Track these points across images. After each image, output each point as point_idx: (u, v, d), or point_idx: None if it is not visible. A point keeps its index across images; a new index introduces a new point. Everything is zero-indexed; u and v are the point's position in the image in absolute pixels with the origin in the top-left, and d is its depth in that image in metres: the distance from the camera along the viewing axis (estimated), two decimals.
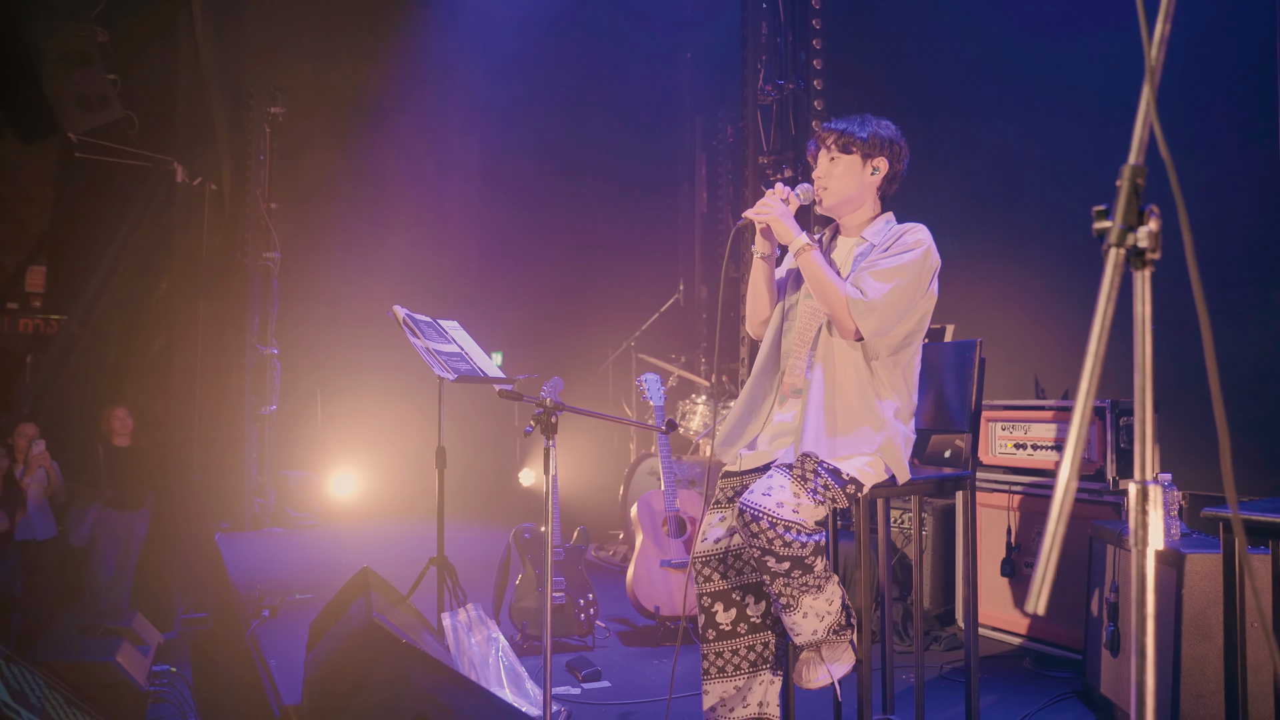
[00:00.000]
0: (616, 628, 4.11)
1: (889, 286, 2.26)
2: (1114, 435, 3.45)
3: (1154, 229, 1.08)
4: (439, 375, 3.14)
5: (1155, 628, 1.06)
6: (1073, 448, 1.07)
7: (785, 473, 2.21)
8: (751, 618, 2.41)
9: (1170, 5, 1.16)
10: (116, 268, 7.69)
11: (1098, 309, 1.08)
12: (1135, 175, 1.09)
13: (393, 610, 2.75)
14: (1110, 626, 2.88)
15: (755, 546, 2.16)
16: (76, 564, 5.64)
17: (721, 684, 2.39)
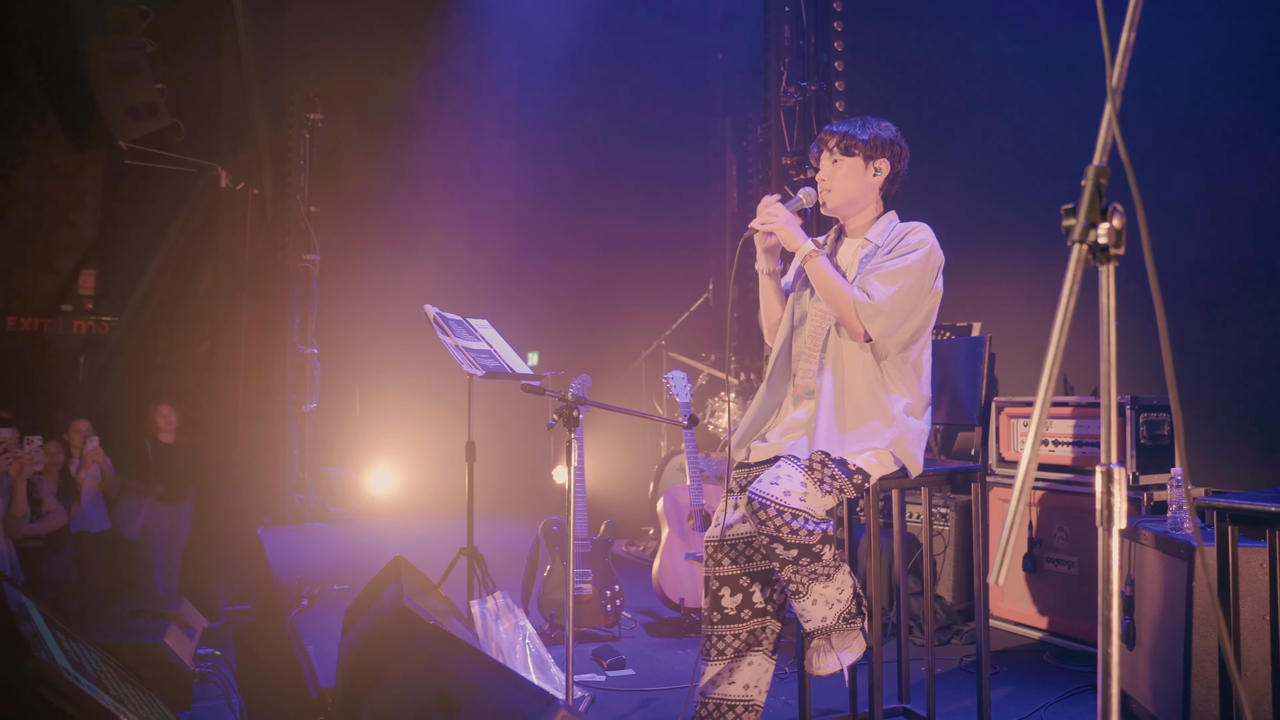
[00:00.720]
0: (643, 619, 4.21)
1: (894, 289, 2.33)
2: (1134, 431, 3.46)
3: (1116, 226, 1.15)
4: (468, 371, 3.25)
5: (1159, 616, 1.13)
6: (1034, 431, 1.14)
7: (794, 463, 2.28)
8: (756, 604, 2.48)
9: (1135, 15, 1.22)
10: (164, 270, 7.97)
11: (1061, 301, 1.15)
12: (1098, 175, 1.16)
13: (423, 596, 2.87)
14: (1125, 620, 2.91)
15: (764, 534, 2.23)
16: (127, 555, 5.87)
17: (717, 665, 2.48)
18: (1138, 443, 3.46)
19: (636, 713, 3.02)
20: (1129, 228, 1.13)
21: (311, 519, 7.01)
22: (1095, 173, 1.16)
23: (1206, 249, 4.30)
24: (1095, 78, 4.97)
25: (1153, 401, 3.51)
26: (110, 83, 6.92)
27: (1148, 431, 3.47)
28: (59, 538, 5.25)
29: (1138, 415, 3.48)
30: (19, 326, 8.08)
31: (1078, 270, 1.15)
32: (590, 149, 8.23)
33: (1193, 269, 4.38)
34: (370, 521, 7.15)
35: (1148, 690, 2.78)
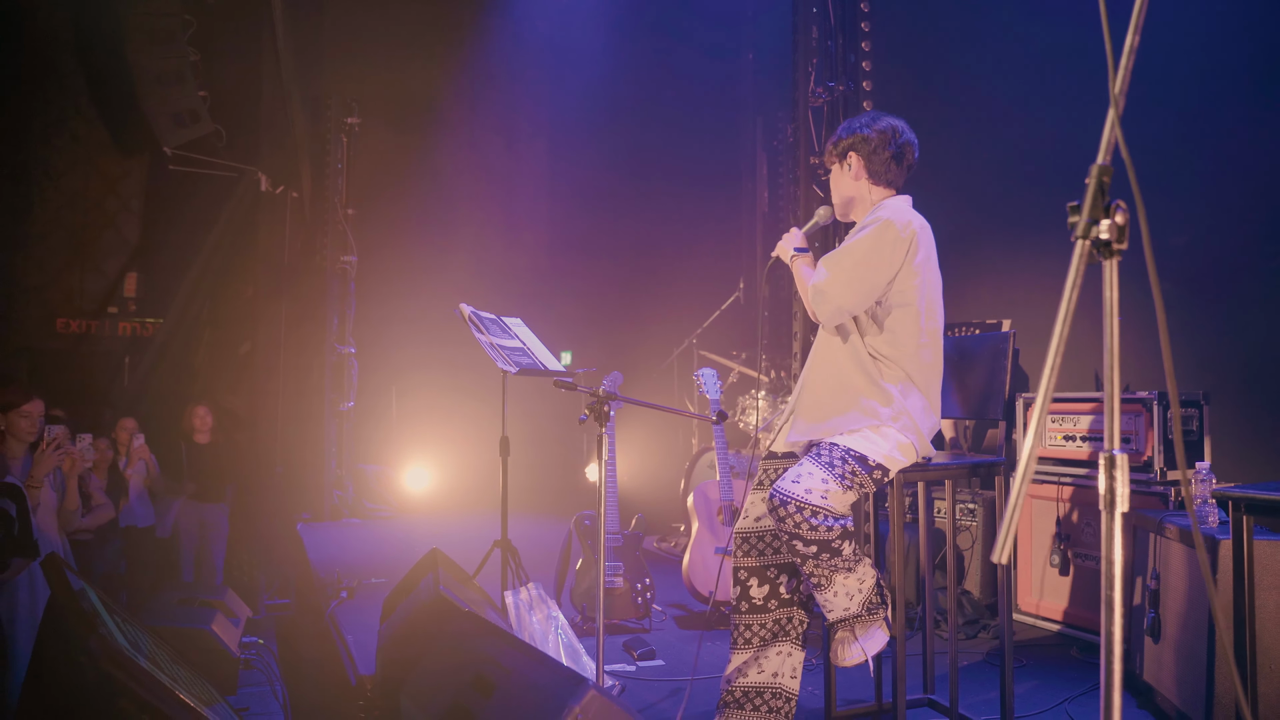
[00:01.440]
0: (673, 612, 4.28)
1: (835, 270, 2.39)
2: (1161, 427, 3.47)
3: (1119, 222, 1.20)
4: (502, 368, 3.34)
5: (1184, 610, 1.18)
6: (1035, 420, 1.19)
7: (815, 460, 2.34)
8: (783, 594, 2.54)
9: (1140, 18, 1.27)
10: (205, 272, 8.18)
11: (1064, 295, 1.20)
12: (1101, 174, 1.21)
13: (459, 587, 2.96)
14: (1151, 614, 2.93)
15: (784, 530, 2.29)
16: (168, 550, 6.05)
17: (744, 654, 2.53)
18: (1165, 438, 3.46)
19: (665, 701, 3.08)
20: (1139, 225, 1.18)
21: (349, 515, 7.16)
22: (1099, 171, 1.21)
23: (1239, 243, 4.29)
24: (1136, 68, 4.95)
25: (1181, 397, 3.51)
26: (156, 91, 7.13)
27: None
28: (108, 531, 5.42)
29: (1165, 411, 3.48)
30: (68, 328, 8.33)
31: (1080, 264, 1.20)
32: (623, 148, 8.32)
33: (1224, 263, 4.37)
34: (406, 518, 7.28)
35: (1173, 683, 2.79)
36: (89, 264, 8.36)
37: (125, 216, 8.49)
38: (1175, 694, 2.78)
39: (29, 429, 4.25)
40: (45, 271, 8.23)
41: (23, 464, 4.25)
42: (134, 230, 8.45)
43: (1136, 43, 1.26)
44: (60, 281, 8.28)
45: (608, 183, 8.37)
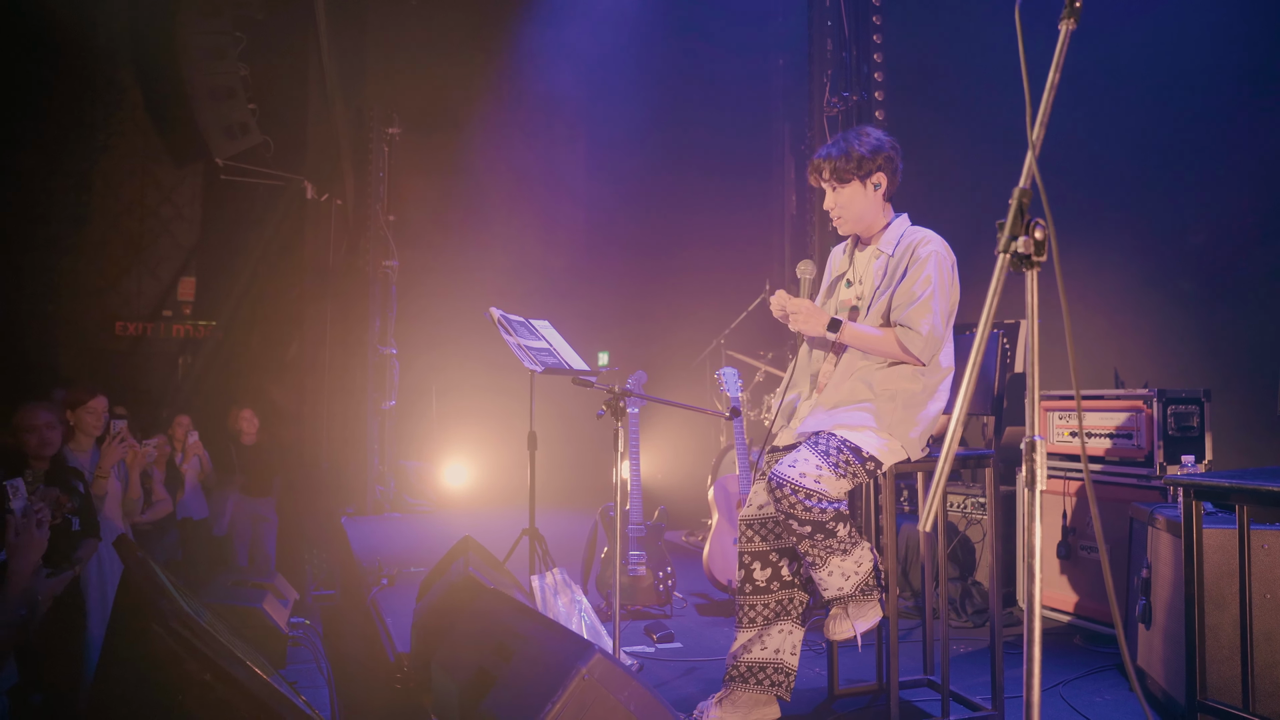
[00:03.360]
0: (695, 600, 4.48)
1: (932, 315, 2.54)
2: (1161, 423, 3.59)
3: (1038, 237, 1.38)
4: (528, 368, 3.58)
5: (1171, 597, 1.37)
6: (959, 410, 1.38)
7: (811, 448, 2.53)
8: (784, 576, 2.73)
9: (1060, 58, 1.45)
10: (254, 277, 8.56)
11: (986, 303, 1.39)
12: (1022, 196, 1.39)
13: (488, 570, 3.19)
14: (1142, 600, 3.07)
15: (780, 510, 2.49)
16: (223, 543, 6.38)
17: (748, 632, 2.72)
18: (1165, 433, 3.59)
19: (680, 679, 3.29)
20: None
21: (391, 509, 7.47)
22: (1019, 194, 1.39)
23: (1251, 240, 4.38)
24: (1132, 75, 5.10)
25: (1181, 394, 3.63)
26: (209, 105, 7.51)
27: (1176, 423, 3.60)
28: (166, 523, 5.75)
29: (1165, 407, 3.60)
30: (125, 331, 8.76)
31: (1001, 274, 1.39)
32: (658, 151, 8.52)
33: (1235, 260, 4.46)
34: (445, 512, 7.57)
35: (1161, 667, 2.93)
36: (145, 269, 8.78)
37: (179, 223, 8.89)
38: (1164, 677, 2.92)
39: (95, 424, 4.57)
40: (105, 276, 8.66)
41: (90, 457, 4.59)
42: (188, 236, 8.85)
43: (1057, 80, 1.44)
44: (119, 286, 8.71)
45: (643, 184, 8.57)
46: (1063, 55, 1.45)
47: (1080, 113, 5.08)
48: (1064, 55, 1.44)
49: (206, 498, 6.26)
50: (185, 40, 7.55)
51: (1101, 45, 4.87)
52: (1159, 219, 5.04)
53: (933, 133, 4.88)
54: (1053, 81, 1.44)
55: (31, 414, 3.70)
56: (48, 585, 3.02)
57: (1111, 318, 5.28)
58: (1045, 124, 1.42)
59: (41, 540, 2.71)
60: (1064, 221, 4.53)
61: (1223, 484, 2.13)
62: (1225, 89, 4.61)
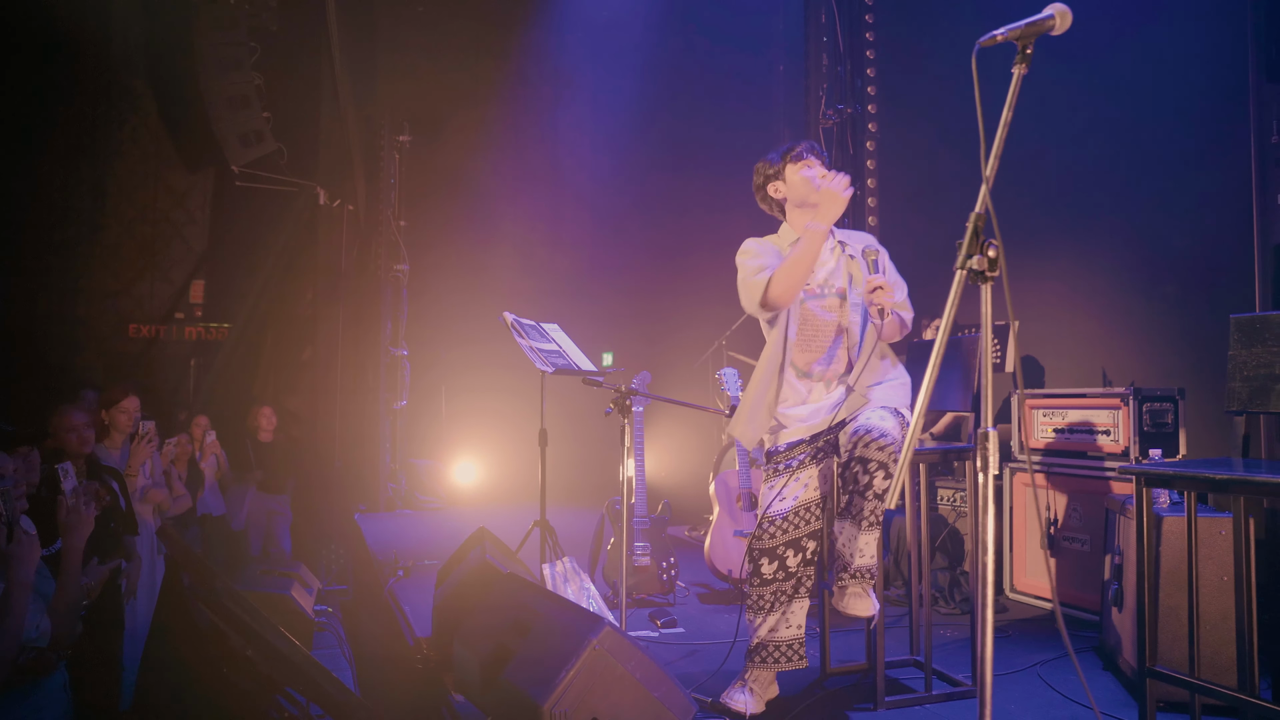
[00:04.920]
0: (697, 590, 4.70)
1: None
2: (1137, 419, 3.80)
3: (991, 255, 1.59)
4: (539, 369, 3.80)
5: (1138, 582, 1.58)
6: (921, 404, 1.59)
7: (890, 413, 2.74)
8: (809, 556, 2.89)
9: (1014, 97, 1.66)
10: (269, 281, 8.77)
11: (944, 315, 1.60)
12: (977, 220, 1.60)
13: (503, 558, 3.41)
14: (1115, 585, 3.28)
15: (875, 462, 2.60)
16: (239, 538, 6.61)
17: (775, 615, 2.88)
18: (1141, 429, 3.80)
19: (683, 660, 3.51)
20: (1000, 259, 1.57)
21: (402, 506, 7.69)
22: (975, 219, 1.60)
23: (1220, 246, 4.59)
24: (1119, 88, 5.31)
25: (1156, 392, 3.84)
26: (225, 114, 7.73)
27: (1151, 420, 3.81)
28: (187, 519, 5.98)
29: (1140, 404, 3.81)
30: (139, 333, 8.97)
31: (959, 288, 1.60)
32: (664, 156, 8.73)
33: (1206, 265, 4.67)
34: (455, 509, 7.79)
35: (1131, 647, 3.14)
36: (159, 273, 8.98)
37: (191, 228, 9.11)
38: (1133, 656, 3.12)
39: (127, 423, 4.80)
40: (119, 280, 8.86)
41: (120, 455, 4.81)
42: (200, 240, 9.06)
43: (1010, 118, 1.65)
44: (132, 289, 8.91)
45: (649, 186, 8.77)
46: (1015, 97, 1.66)
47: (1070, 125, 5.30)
48: (1016, 97, 1.65)
49: (223, 494, 6.48)
50: (202, 51, 7.77)
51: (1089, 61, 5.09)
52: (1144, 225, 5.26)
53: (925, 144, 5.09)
54: (1005, 120, 1.65)
55: (69, 415, 3.92)
56: (98, 572, 3.23)
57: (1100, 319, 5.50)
58: (999, 158, 1.62)
59: (90, 519, 2.93)
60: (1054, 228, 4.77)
61: (1168, 472, 2.33)
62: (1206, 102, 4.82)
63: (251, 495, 6.65)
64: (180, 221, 9.10)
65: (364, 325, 8.09)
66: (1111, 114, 5.23)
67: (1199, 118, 4.83)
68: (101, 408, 4.85)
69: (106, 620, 3.68)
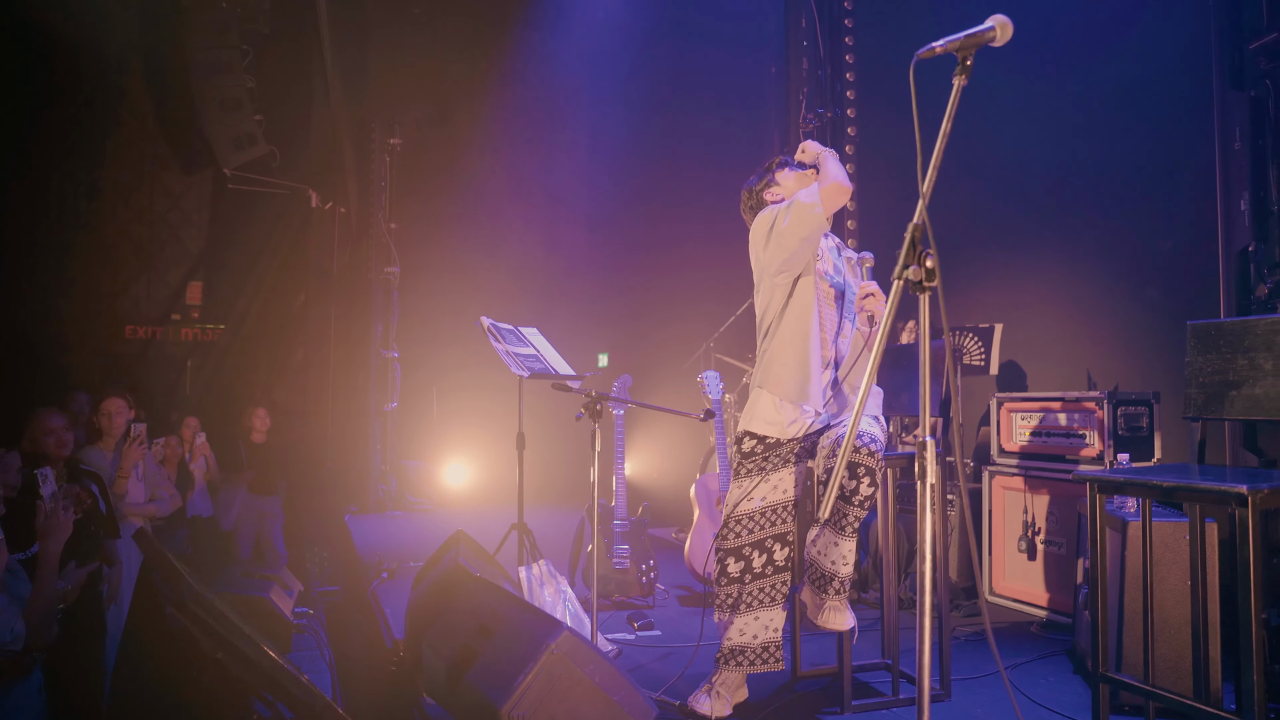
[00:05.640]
0: (676, 592, 4.72)
1: None
2: (1111, 423, 3.82)
3: (929, 265, 1.61)
4: (515, 373, 3.82)
5: None
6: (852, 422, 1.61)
7: (872, 419, 2.75)
8: (778, 562, 2.91)
9: (953, 108, 1.68)
10: (261, 282, 8.81)
11: (881, 321, 1.62)
12: (914, 231, 1.62)
13: (477, 561, 3.43)
14: (1084, 589, 3.30)
15: (865, 468, 2.59)
16: (229, 539, 6.63)
17: (746, 616, 2.88)
18: (1116, 433, 3.81)
19: (657, 662, 3.53)
20: None
21: (393, 508, 7.72)
22: (912, 229, 1.62)
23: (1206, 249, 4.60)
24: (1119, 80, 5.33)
25: (1131, 396, 3.86)
26: (218, 118, 7.76)
27: (1125, 424, 3.82)
28: (176, 521, 6.00)
29: (1115, 408, 3.83)
30: (135, 334, 9.00)
31: (896, 298, 1.62)
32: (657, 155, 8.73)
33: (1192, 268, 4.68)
34: (445, 510, 7.81)
35: None
36: (155, 274, 9.01)
37: (187, 229, 9.13)
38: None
39: (119, 426, 4.83)
40: (115, 281, 8.89)
41: (113, 458, 4.84)
42: (196, 242, 9.08)
43: (949, 128, 1.67)
44: (129, 290, 8.94)
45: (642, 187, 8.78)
46: (954, 108, 1.67)
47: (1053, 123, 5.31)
48: (955, 108, 1.67)
49: (212, 496, 6.50)
50: (194, 54, 7.81)
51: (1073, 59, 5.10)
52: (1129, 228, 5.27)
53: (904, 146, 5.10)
54: (945, 131, 1.67)
55: (46, 418, 3.94)
56: (75, 576, 3.26)
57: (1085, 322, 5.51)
58: (937, 169, 1.64)
59: (68, 523, 2.95)
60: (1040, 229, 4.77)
61: (1118, 479, 2.35)
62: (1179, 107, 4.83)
63: (242, 496, 6.68)
64: (176, 223, 9.13)
65: (355, 327, 8.12)
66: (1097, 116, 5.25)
67: (1173, 122, 4.85)
68: (93, 411, 4.88)
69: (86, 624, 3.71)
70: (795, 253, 2.85)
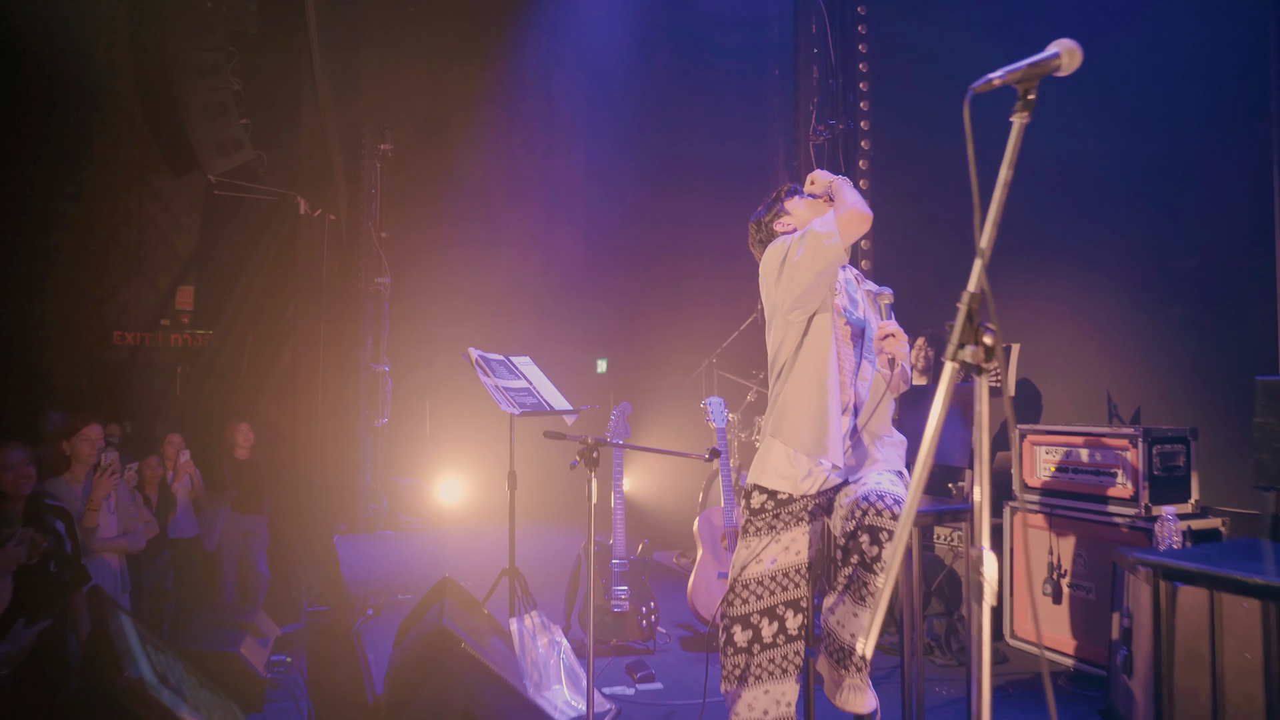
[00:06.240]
0: (679, 633, 4.46)
1: None
2: (1146, 463, 3.55)
3: (988, 343, 1.34)
4: (505, 410, 3.55)
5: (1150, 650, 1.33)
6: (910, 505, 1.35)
7: (896, 476, 2.50)
8: (790, 630, 2.64)
9: (1014, 153, 1.41)
10: (249, 292, 8.54)
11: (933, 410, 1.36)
12: (970, 301, 1.36)
13: (464, 616, 3.17)
14: (1124, 650, 3.04)
15: (884, 531, 2.34)
16: (213, 561, 6.37)
17: (755, 689, 2.62)
18: (1150, 474, 3.55)
19: None
20: None
21: (384, 527, 7.45)
22: (968, 299, 1.36)
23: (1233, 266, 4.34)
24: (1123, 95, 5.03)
25: (1166, 433, 3.60)
26: (202, 122, 7.49)
27: (1161, 463, 3.56)
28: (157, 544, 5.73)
29: (1150, 447, 3.57)
30: (123, 340, 8.74)
31: (950, 384, 1.35)
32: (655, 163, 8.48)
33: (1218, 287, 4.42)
34: (438, 529, 7.55)
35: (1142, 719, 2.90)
36: (144, 279, 8.76)
37: (177, 233, 8.88)
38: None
39: (89, 453, 4.54)
40: (103, 286, 8.65)
41: (83, 488, 4.56)
42: (186, 246, 8.83)
43: (1010, 176, 1.41)
44: (117, 296, 8.70)
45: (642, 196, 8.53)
46: (1015, 151, 1.41)
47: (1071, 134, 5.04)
48: (1017, 151, 1.41)
49: (197, 515, 6.24)
50: (179, 56, 7.53)
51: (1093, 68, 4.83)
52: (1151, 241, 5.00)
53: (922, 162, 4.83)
54: (1005, 180, 1.40)
55: (6, 453, 3.68)
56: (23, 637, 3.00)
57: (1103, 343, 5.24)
58: (997, 225, 1.38)
59: None
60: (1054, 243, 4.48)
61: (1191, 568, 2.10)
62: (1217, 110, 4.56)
63: (225, 515, 6.42)
64: (166, 226, 8.87)
65: (345, 339, 7.85)
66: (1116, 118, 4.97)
67: (1210, 127, 4.57)
68: (61, 437, 4.61)
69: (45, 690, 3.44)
70: (810, 288, 2.57)
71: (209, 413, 8.02)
